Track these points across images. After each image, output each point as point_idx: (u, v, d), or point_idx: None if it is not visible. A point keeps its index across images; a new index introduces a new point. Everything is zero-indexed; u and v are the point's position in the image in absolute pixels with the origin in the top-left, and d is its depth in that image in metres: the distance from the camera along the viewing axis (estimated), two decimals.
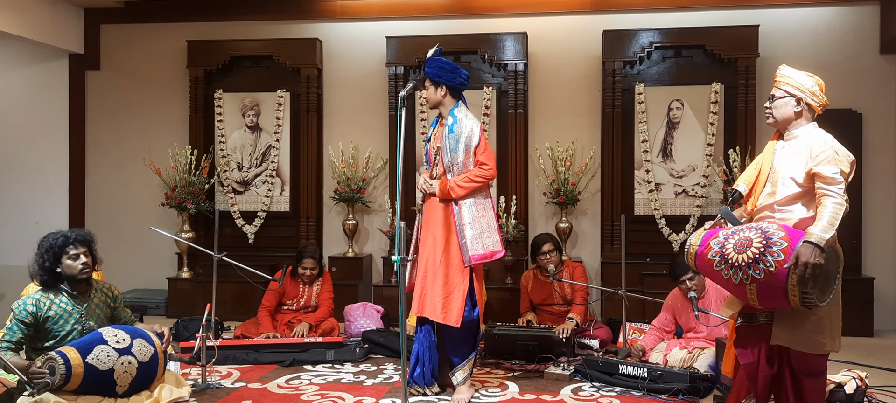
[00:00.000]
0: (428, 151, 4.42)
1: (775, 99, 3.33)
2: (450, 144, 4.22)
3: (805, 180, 3.19)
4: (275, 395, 4.42)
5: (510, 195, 6.84)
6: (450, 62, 4.33)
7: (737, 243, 3.10)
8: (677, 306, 5.01)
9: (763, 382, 3.27)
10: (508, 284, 6.64)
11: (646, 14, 7.00)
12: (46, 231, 4.72)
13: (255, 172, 7.38)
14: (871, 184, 6.70)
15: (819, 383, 3.28)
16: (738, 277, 3.08)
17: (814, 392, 3.25)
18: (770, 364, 3.25)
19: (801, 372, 3.22)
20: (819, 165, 3.13)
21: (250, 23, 7.56)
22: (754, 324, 3.29)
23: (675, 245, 6.67)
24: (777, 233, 3.05)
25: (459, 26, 7.17)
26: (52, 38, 7.33)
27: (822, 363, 3.25)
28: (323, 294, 5.84)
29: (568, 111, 7.10)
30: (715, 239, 3.21)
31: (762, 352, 3.26)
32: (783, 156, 3.29)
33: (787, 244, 3.01)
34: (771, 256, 3.00)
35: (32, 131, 7.84)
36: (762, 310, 3.24)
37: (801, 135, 3.27)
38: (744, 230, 3.16)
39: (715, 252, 3.17)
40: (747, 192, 3.42)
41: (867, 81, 6.71)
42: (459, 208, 4.19)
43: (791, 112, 3.29)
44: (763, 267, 3.00)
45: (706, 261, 3.21)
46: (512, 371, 4.94)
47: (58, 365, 3.55)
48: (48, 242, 3.91)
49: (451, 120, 4.26)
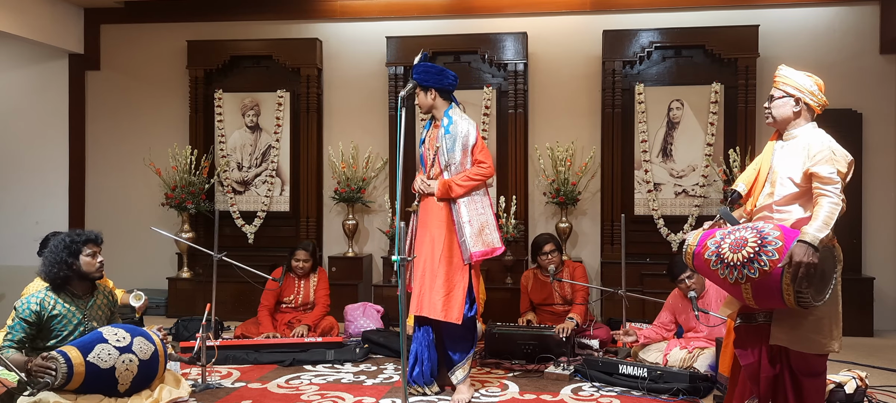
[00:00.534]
0: (423, 154, 4.43)
1: (774, 99, 3.33)
2: (447, 144, 4.26)
3: (803, 180, 3.19)
4: (275, 395, 4.42)
5: (510, 195, 6.84)
6: (434, 65, 4.38)
7: (733, 242, 3.11)
8: (677, 306, 5.01)
9: (765, 383, 3.26)
10: (508, 284, 6.65)
11: (646, 14, 7.00)
12: (46, 231, 4.73)
13: (255, 172, 7.38)
14: (871, 184, 6.70)
15: (819, 383, 3.27)
16: (733, 277, 3.08)
17: (813, 393, 3.24)
18: (772, 364, 3.25)
19: (800, 372, 3.21)
20: (816, 165, 3.13)
21: (250, 23, 7.57)
22: (753, 324, 3.29)
23: (674, 245, 6.67)
24: (772, 233, 3.05)
25: (459, 26, 7.17)
26: (52, 38, 7.33)
27: (821, 363, 3.25)
28: (319, 291, 5.84)
29: (568, 111, 7.10)
30: (712, 238, 3.21)
31: (763, 353, 3.25)
32: (782, 156, 3.30)
33: (781, 244, 3.01)
34: (765, 255, 3.00)
35: (32, 131, 7.84)
36: (760, 310, 3.24)
37: (800, 135, 3.27)
38: (740, 230, 3.16)
39: (711, 251, 3.17)
40: (746, 192, 3.42)
41: (867, 81, 6.71)
42: (458, 206, 4.23)
43: (790, 112, 3.29)
44: (758, 267, 3.01)
45: (703, 261, 3.21)
46: (512, 371, 4.94)
47: (59, 364, 3.55)
48: (66, 238, 3.92)
49: (446, 121, 4.30)
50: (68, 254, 3.87)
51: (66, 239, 3.92)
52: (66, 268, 3.86)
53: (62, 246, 3.89)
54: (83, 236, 3.95)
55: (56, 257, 3.87)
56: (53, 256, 3.87)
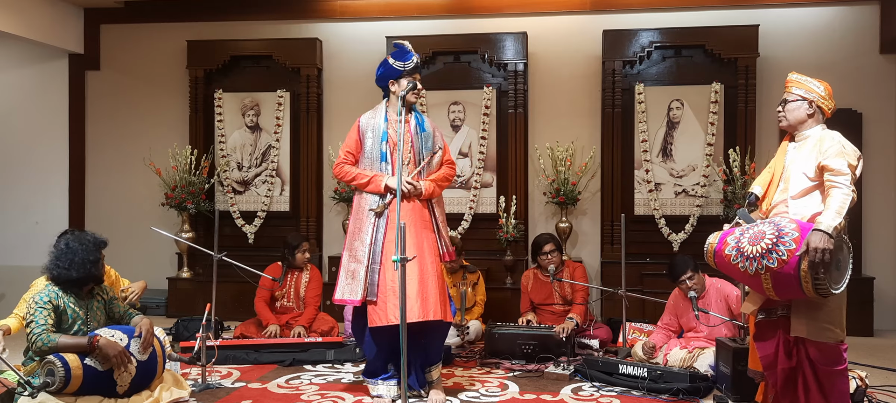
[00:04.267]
0: (386, 150, 4.15)
1: (788, 103, 3.49)
2: (423, 141, 4.24)
3: (816, 174, 3.33)
4: (275, 395, 4.41)
5: (510, 195, 6.84)
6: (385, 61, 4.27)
7: (751, 236, 3.26)
8: (679, 306, 5.01)
9: (781, 374, 3.39)
10: (508, 284, 6.65)
11: (646, 14, 7.00)
12: (46, 231, 4.73)
13: (254, 172, 7.38)
14: (871, 184, 6.70)
15: (840, 372, 3.35)
16: (753, 268, 3.22)
17: (837, 382, 3.33)
18: (788, 356, 3.38)
19: (819, 363, 3.32)
20: (827, 158, 3.27)
21: (250, 23, 7.57)
22: (773, 318, 3.43)
23: (675, 245, 6.67)
24: (789, 226, 3.20)
25: (459, 26, 7.17)
26: (52, 38, 7.33)
27: (839, 353, 3.33)
28: (310, 290, 5.81)
29: (568, 111, 7.10)
30: (732, 235, 3.37)
31: (780, 344, 3.39)
32: (795, 155, 3.45)
33: (798, 234, 3.15)
34: (783, 246, 3.14)
35: (32, 131, 7.84)
36: (780, 304, 3.37)
37: (812, 135, 3.43)
38: (758, 225, 3.32)
39: (731, 247, 3.32)
40: (762, 194, 3.57)
41: (867, 81, 6.71)
42: (434, 206, 4.26)
43: (804, 114, 3.46)
44: (776, 256, 3.15)
45: (724, 257, 3.35)
46: (512, 371, 4.94)
47: (57, 369, 3.56)
48: (90, 241, 3.89)
49: (416, 117, 4.26)
50: (96, 256, 3.88)
51: (90, 241, 3.89)
52: (93, 268, 3.85)
53: (92, 246, 3.87)
54: (101, 239, 3.97)
55: (87, 257, 3.83)
56: (83, 256, 3.82)
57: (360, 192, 4.22)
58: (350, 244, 4.17)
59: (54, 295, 3.79)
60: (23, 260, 7.43)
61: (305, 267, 5.86)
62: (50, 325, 3.67)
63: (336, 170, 4.28)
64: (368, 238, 4.10)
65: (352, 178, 4.22)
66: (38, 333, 3.62)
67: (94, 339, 3.64)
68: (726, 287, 4.88)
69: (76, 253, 3.81)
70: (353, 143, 4.26)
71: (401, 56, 4.19)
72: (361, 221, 4.15)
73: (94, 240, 3.92)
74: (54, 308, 3.75)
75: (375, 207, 4.11)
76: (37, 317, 3.67)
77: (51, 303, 3.74)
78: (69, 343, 3.63)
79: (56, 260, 3.81)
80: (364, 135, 4.24)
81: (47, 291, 3.80)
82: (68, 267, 3.78)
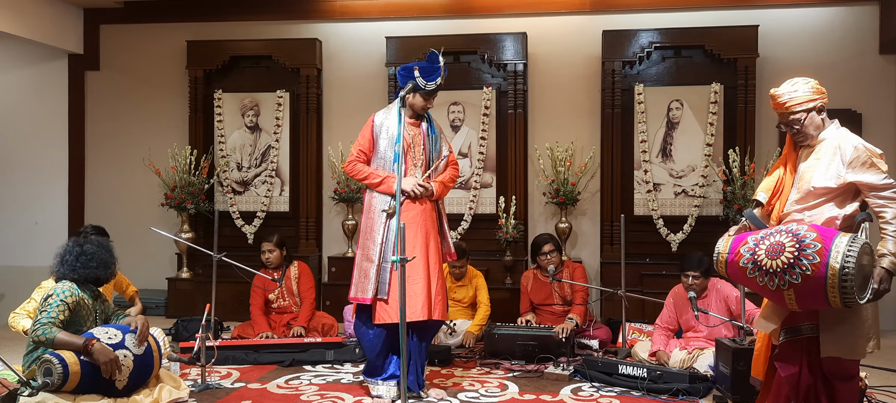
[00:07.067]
0: (400, 152, 4.14)
1: (801, 123, 3.28)
2: (433, 143, 4.30)
3: (835, 183, 3.17)
4: (274, 395, 4.41)
5: (510, 195, 6.84)
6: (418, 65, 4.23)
7: (768, 248, 3.04)
8: (679, 304, 5.01)
9: (803, 391, 3.22)
10: (508, 284, 6.65)
11: (645, 14, 7.00)
12: (46, 231, 4.76)
13: (254, 172, 7.38)
14: None
15: (852, 386, 3.24)
16: (774, 283, 3.01)
17: (848, 396, 3.21)
18: (811, 371, 3.21)
19: (833, 376, 3.17)
20: (859, 173, 3.12)
21: (250, 23, 7.56)
22: (800, 338, 3.23)
23: (673, 245, 6.67)
24: (809, 235, 2.99)
25: (459, 26, 7.17)
26: (52, 38, 7.33)
27: (855, 366, 3.22)
28: (303, 286, 5.80)
29: (567, 111, 7.10)
30: (744, 245, 3.15)
31: (804, 363, 3.21)
32: (812, 162, 3.27)
33: (820, 245, 2.95)
34: (806, 259, 2.94)
35: (32, 131, 7.84)
36: (805, 323, 3.19)
37: (827, 137, 3.26)
38: (773, 234, 3.10)
39: (746, 259, 3.10)
40: (767, 201, 3.42)
41: (867, 81, 6.71)
42: (440, 206, 4.34)
43: (820, 121, 3.29)
44: (799, 272, 2.94)
45: (738, 269, 3.15)
46: (512, 371, 4.94)
47: (54, 367, 3.57)
48: (103, 243, 4.10)
49: (427, 120, 4.33)
50: (114, 257, 4.10)
51: (105, 244, 4.11)
52: (113, 266, 4.06)
53: (111, 248, 4.12)
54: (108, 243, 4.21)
55: (110, 257, 4.05)
56: (106, 255, 4.03)
57: (371, 191, 4.24)
58: (362, 243, 4.22)
59: (76, 292, 3.87)
60: (22, 260, 7.44)
61: (282, 264, 5.80)
62: (58, 321, 3.73)
63: (348, 168, 4.30)
64: (379, 237, 4.14)
65: (364, 177, 4.25)
66: (43, 323, 3.69)
67: (89, 342, 3.65)
68: (726, 287, 4.88)
69: (98, 253, 4.00)
70: (367, 142, 4.27)
71: (427, 74, 4.14)
72: (373, 220, 4.19)
73: (107, 243, 4.15)
74: (73, 305, 3.83)
75: (387, 208, 4.14)
76: (50, 309, 3.75)
77: (72, 299, 3.83)
78: (66, 340, 3.66)
79: (84, 259, 3.95)
80: (378, 136, 4.26)
81: (70, 288, 3.87)
82: (97, 266, 3.97)
